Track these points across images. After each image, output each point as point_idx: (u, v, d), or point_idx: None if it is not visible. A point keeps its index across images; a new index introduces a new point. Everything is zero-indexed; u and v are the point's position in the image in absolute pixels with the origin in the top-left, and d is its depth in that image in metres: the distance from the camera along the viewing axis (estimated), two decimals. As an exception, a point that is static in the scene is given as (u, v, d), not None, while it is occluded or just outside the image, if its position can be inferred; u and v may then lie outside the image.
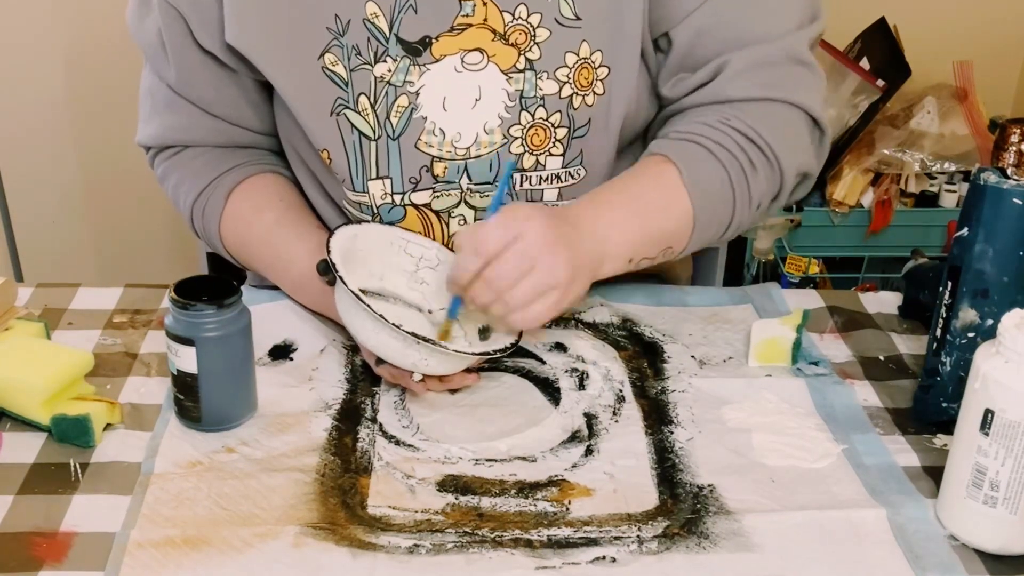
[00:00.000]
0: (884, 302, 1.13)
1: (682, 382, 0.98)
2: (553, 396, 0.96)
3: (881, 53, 1.93)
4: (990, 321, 0.86)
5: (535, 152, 1.01)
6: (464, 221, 1.03)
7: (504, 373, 0.99)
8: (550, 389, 0.97)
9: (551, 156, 1.01)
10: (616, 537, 0.79)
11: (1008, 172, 0.85)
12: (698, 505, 0.83)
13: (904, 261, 1.14)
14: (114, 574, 0.75)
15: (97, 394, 0.92)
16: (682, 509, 0.83)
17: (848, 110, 1.88)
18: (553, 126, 1.00)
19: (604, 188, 0.97)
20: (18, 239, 2.24)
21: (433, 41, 0.97)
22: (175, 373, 0.88)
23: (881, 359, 1.03)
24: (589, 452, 0.89)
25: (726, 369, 1.00)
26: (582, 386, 0.97)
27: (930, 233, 1.94)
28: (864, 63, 1.94)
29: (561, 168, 1.02)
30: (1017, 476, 0.75)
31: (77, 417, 0.86)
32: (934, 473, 0.86)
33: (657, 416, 0.93)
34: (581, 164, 1.03)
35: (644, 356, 1.02)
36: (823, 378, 0.98)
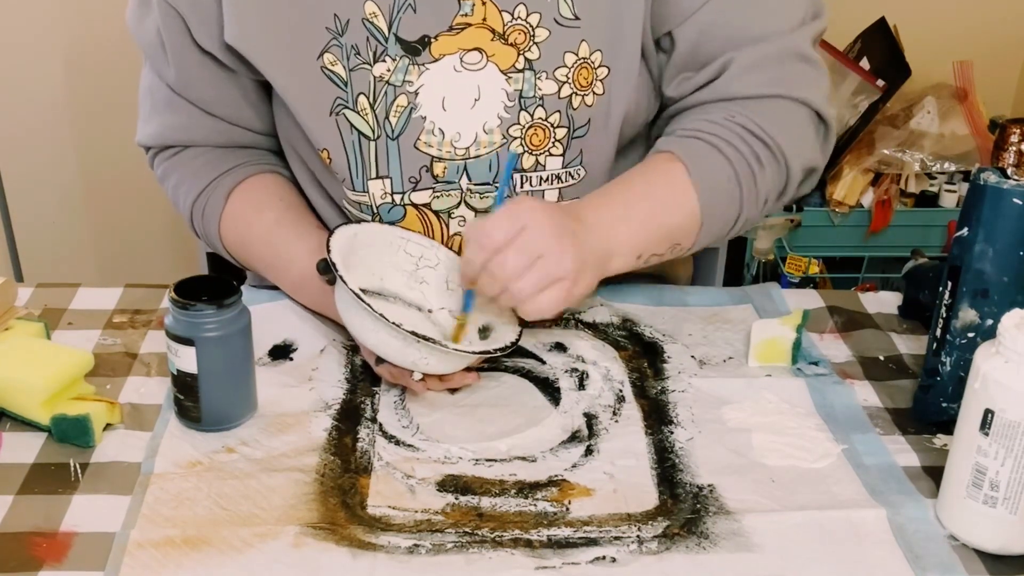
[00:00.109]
0: (884, 302, 1.13)
1: (682, 382, 0.98)
2: (553, 396, 0.96)
3: (881, 53, 1.93)
4: (990, 321, 0.86)
5: (535, 152, 1.01)
6: (464, 222, 1.03)
7: (504, 373, 0.99)
8: (550, 389, 0.97)
9: (551, 156, 1.01)
10: (616, 537, 0.79)
11: (1008, 172, 0.84)
12: (698, 505, 0.83)
13: (904, 261, 1.14)
14: (114, 574, 0.75)
15: (97, 394, 0.92)
16: (682, 509, 0.82)
17: (848, 110, 1.88)
18: (552, 126, 1.00)
19: (611, 186, 0.97)
20: (18, 239, 2.24)
21: (432, 41, 0.97)
22: (175, 373, 0.88)
23: (881, 359, 1.03)
24: (589, 452, 0.89)
25: (726, 369, 1.00)
26: (582, 386, 0.97)
27: (930, 233, 1.94)
28: (864, 63, 1.94)
29: (561, 168, 1.02)
30: (1017, 476, 0.75)
31: (77, 417, 0.86)
32: (934, 473, 0.86)
33: (657, 416, 0.93)
34: (581, 164, 1.03)
35: (644, 356, 1.02)
36: (823, 378, 0.98)
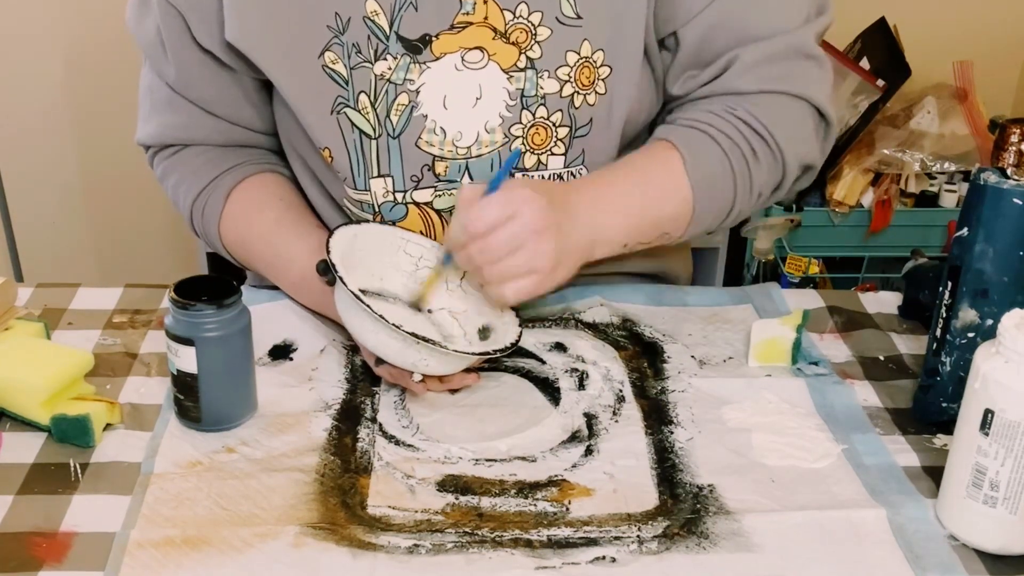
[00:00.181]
0: (884, 302, 1.13)
1: (682, 382, 0.98)
2: (553, 396, 0.96)
3: (881, 53, 1.93)
4: (990, 321, 0.86)
5: (536, 151, 1.01)
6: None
7: (504, 373, 0.99)
8: (550, 389, 0.97)
9: (553, 155, 1.01)
10: (616, 537, 0.79)
11: (1008, 172, 0.84)
12: (698, 505, 0.83)
13: (904, 261, 1.14)
14: (114, 574, 0.75)
15: (97, 394, 0.92)
16: (682, 509, 0.82)
17: (848, 110, 1.88)
18: (554, 125, 1.00)
19: (607, 171, 0.99)
20: (18, 239, 2.24)
21: (433, 39, 0.97)
22: (175, 373, 0.88)
23: (881, 359, 1.02)
24: (589, 452, 0.89)
25: (726, 369, 1.00)
26: (582, 386, 0.97)
27: (930, 233, 1.94)
28: (864, 63, 1.94)
29: (563, 168, 1.02)
30: (1017, 476, 0.75)
31: (77, 417, 0.86)
32: (934, 473, 0.86)
33: (657, 416, 0.93)
34: (583, 164, 1.03)
35: (644, 356, 1.02)
36: (823, 378, 0.98)
